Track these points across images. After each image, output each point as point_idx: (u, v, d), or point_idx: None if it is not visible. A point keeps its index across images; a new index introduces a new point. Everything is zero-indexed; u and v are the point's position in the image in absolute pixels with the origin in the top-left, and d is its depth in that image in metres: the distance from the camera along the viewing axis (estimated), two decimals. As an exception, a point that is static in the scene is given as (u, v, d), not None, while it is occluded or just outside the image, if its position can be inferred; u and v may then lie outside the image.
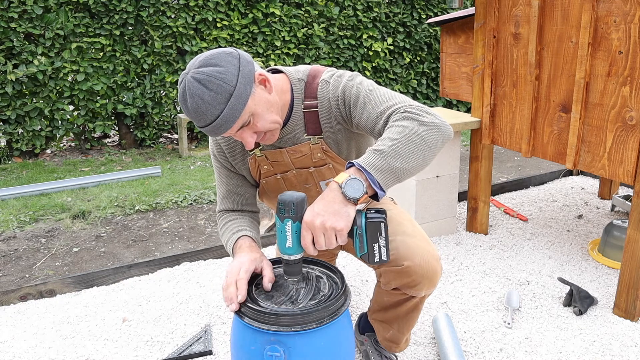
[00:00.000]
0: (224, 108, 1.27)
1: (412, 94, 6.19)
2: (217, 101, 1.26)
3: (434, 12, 6.10)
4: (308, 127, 1.49)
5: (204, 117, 1.27)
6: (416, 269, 1.44)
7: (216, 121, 1.28)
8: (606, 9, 1.98)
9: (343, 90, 1.44)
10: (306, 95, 1.48)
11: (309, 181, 1.59)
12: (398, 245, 1.46)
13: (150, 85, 4.88)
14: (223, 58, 1.28)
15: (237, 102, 1.28)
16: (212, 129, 1.30)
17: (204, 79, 1.25)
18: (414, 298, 1.56)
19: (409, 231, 1.51)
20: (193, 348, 1.90)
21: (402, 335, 1.70)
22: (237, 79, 1.27)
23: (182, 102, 1.29)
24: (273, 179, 1.59)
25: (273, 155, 1.54)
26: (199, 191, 3.71)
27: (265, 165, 1.56)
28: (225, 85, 1.26)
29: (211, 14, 4.89)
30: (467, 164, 4.39)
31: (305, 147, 1.51)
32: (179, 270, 2.53)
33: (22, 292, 2.27)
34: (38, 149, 4.66)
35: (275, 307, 1.32)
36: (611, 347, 1.90)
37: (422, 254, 1.45)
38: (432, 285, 1.49)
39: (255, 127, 1.35)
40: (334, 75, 1.48)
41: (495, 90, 2.57)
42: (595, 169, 2.15)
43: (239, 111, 1.28)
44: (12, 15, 4.22)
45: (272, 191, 1.64)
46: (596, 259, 2.57)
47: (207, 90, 1.25)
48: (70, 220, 3.23)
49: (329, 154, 1.52)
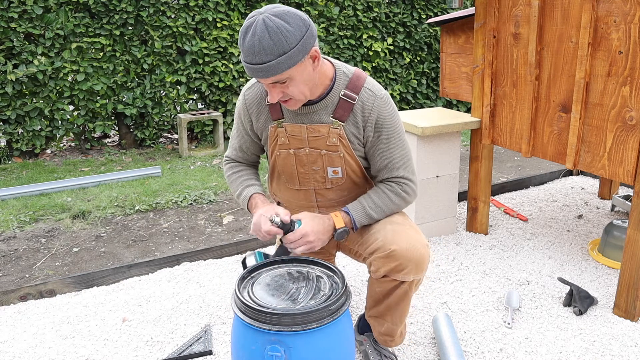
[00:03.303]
0: (272, 60, 1.38)
1: (412, 93, 6.19)
2: (271, 51, 1.37)
3: (434, 12, 6.10)
4: (337, 111, 1.60)
5: (252, 56, 1.39)
6: (403, 253, 1.54)
7: (259, 66, 1.39)
8: (606, 9, 1.98)
9: (383, 119, 1.61)
10: (348, 87, 1.60)
11: (318, 164, 1.67)
12: (386, 234, 1.59)
13: (150, 85, 4.88)
14: (297, 21, 1.40)
15: (285, 61, 1.40)
16: (252, 69, 1.41)
17: (271, 26, 1.36)
18: (403, 284, 1.62)
19: (398, 221, 1.66)
20: (193, 348, 1.90)
21: (396, 327, 1.73)
22: (296, 44, 1.40)
23: (243, 34, 1.41)
24: (286, 153, 1.68)
25: (292, 128, 1.64)
26: (199, 191, 3.71)
27: (282, 137, 1.66)
28: (285, 43, 1.38)
29: (211, 14, 4.89)
30: (467, 164, 4.39)
31: (325, 129, 1.61)
32: (179, 270, 2.53)
33: (22, 292, 2.27)
34: (38, 149, 4.66)
35: (276, 307, 1.32)
36: (611, 347, 1.91)
37: (408, 239, 1.56)
38: (420, 270, 1.58)
39: (286, 88, 1.48)
40: (381, 91, 1.62)
41: (495, 90, 2.57)
42: (595, 169, 2.15)
43: (281, 69, 1.41)
44: (12, 15, 4.22)
45: (283, 168, 1.72)
46: (596, 259, 2.57)
47: (269, 37, 1.36)
48: (70, 220, 3.23)
49: (344, 141, 1.62)
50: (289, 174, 1.73)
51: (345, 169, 1.67)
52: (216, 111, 5.12)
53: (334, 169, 1.67)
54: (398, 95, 6.08)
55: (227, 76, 5.07)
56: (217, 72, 5.06)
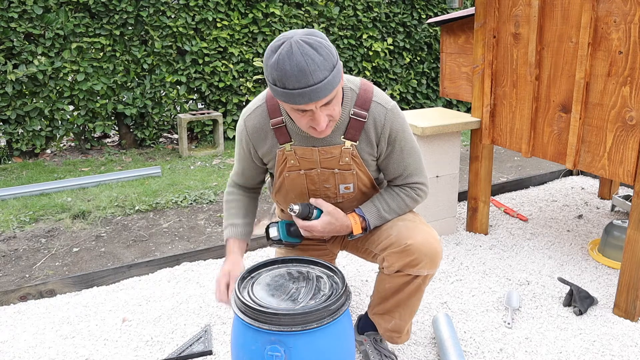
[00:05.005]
0: (328, 75, 1.33)
1: (412, 93, 6.19)
2: (325, 66, 1.31)
3: (434, 12, 6.10)
4: (348, 131, 1.57)
5: (308, 77, 1.30)
6: (418, 247, 1.55)
7: (318, 84, 1.32)
8: (606, 9, 1.98)
9: (396, 133, 1.59)
10: (357, 104, 1.56)
11: (330, 182, 1.65)
12: (400, 229, 1.61)
13: (150, 85, 4.88)
14: (322, 35, 1.36)
15: (337, 74, 1.36)
16: (310, 92, 1.32)
17: (315, 43, 1.31)
18: (416, 279, 1.63)
19: (409, 218, 1.68)
20: (193, 348, 1.91)
21: (405, 323, 1.73)
22: (337, 56, 1.37)
23: (283, 61, 1.30)
24: (296, 174, 1.65)
25: (303, 151, 1.60)
26: (199, 191, 3.71)
27: (292, 160, 1.62)
28: (332, 56, 1.34)
29: (211, 14, 4.89)
30: (467, 164, 4.39)
31: (337, 150, 1.59)
32: (179, 270, 2.53)
33: (22, 292, 2.27)
34: (38, 149, 4.66)
35: (276, 307, 1.32)
36: (611, 347, 1.91)
37: (422, 234, 1.58)
38: (434, 265, 1.59)
39: (332, 109, 1.42)
40: (390, 102, 1.60)
41: (495, 90, 2.57)
42: (595, 169, 2.15)
43: (336, 83, 1.36)
44: (12, 15, 4.22)
45: (292, 187, 1.69)
46: (596, 259, 2.57)
47: (318, 54, 1.31)
48: (70, 220, 3.23)
49: (356, 159, 1.61)
50: (299, 192, 1.69)
51: (357, 184, 1.67)
52: (216, 111, 5.12)
53: (346, 185, 1.66)
54: (398, 95, 6.07)
55: (227, 76, 5.07)
56: (217, 72, 5.06)
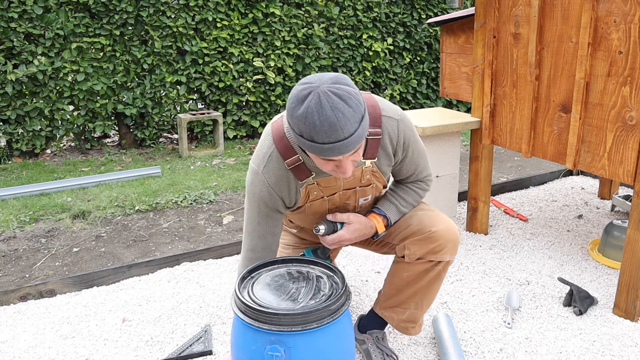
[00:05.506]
0: (358, 127, 1.28)
1: (412, 93, 6.19)
2: (355, 119, 1.26)
3: (434, 12, 6.10)
4: (367, 151, 1.56)
5: (338, 132, 1.25)
6: (442, 233, 1.63)
7: (349, 138, 1.27)
8: (606, 9, 1.98)
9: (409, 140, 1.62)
10: (369, 124, 1.51)
11: (351, 199, 1.67)
12: (421, 218, 1.68)
13: (150, 85, 4.88)
14: (349, 82, 1.29)
15: (365, 124, 1.31)
16: (340, 146, 1.27)
17: (344, 95, 1.25)
18: (437, 266, 1.68)
19: (426, 208, 1.76)
20: (193, 348, 1.90)
21: (421, 312, 1.76)
22: (364, 103, 1.31)
23: (312, 115, 1.24)
24: (319, 202, 1.64)
25: (327, 181, 1.59)
26: (199, 191, 3.71)
27: (315, 191, 1.60)
28: (360, 106, 1.28)
29: (211, 14, 4.89)
30: (467, 164, 4.39)
31: (358, 171, 1.59)
32: (179, 270, 2.53)
33: (22, 292, 2.27)
34: (38, 149, 4.66)
35: (276, 307, 1.32)
36: (611, 347, 1.91)
37: (445, 222, 1.66)
38: (455, 250, 1.67)
39: (358, 155, 1.39)
40: (398, 112, 1.59)
41: (495, 90, 2.57)
42: (595, 169, 2.15)
43: (364, 134, 1.31)
44: (12, 15, 4.22)
45: (314, 213, 1.67)
46: (596, 259, 2.57)
47: (348, 106, 1.25)
48: (70, 220, 3.23)
49: (376, 175, 1.64)
50: (320, 214, 1.68)
51: (374, 194, 1.71)
52: (216, 111, 5.12)
53: (365, 198, 1.70)
54: (398, 95, 6.08)
55: (227, 76, 5.07)
56: (217, 72, 5.06)
